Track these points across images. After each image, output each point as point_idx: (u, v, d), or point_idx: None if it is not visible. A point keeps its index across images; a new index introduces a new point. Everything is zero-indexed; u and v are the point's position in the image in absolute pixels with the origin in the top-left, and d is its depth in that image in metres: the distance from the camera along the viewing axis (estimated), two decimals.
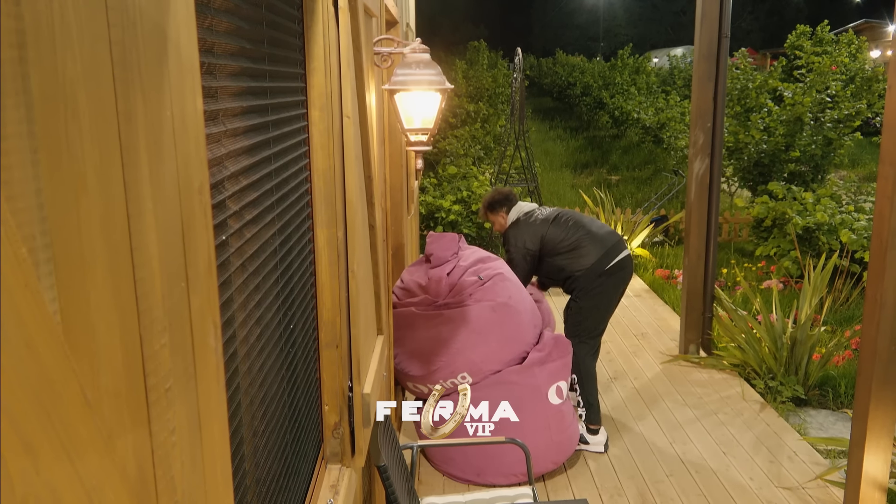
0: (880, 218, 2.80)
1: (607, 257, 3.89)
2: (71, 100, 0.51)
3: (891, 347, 2.83)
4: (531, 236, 4.04)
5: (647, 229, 8.63)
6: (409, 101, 2.29)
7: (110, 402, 0.56)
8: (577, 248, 3.93)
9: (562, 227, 4.00)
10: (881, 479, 2.95)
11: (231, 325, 1.08)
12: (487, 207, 4.38)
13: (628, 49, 21.46)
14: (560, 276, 4.02)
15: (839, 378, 4.85)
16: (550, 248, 3.99)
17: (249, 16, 1.22)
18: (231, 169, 1.10)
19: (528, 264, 4.05)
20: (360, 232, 2.08)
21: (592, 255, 3.89)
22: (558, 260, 3.97)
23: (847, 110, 9.48)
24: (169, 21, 0.70)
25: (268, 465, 1.32)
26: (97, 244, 0.55)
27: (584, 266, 3.88)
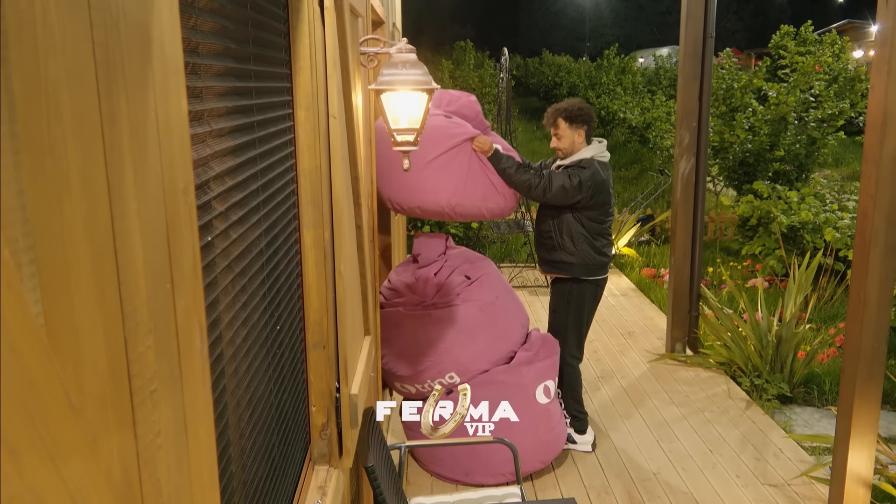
0: (863, 216, 2.82)
1: (604, 268, 3.82)
2: (54, 100, 0.51)
3: (874, 345, 2.86)
4: (598, 183, 3.57)
5: (633, 228, 8.67)
6: (396, 101, 2.29)
7: (95, 405, 0.56)
8: (605, 235, 3.75)
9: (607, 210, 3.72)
10: (865, 475, 2.98)
11: (217, 326, 1.08)
12: (568, 115, 3.68)
13: (614, 49, 21.58)
14: (567, 242, 3.69)
15: (824, 375, 4.89)
16: (590, 213, 3.65)
17: (234, 15, 1.22)
18: (216, 169, 1.09)
19: (559, 196, 3.57)
20: (346, 232, 2.07)
21: (609, 249, 3.79)
22: (590, 224, 3.68)
23: (830, 110, 9.56)
24: (153, 21, 0.70)
25: (255, 467, 1.31)
26: (81, 246, 0.54)
27: (598, 258, 3.74)
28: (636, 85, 19.70)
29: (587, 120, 3.68)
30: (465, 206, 3.51)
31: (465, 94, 3.92)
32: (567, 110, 3.69)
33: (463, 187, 3.47)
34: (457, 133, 3.48)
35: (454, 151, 3.46)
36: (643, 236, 9.14)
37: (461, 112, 3.76)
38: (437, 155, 3.41)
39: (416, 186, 3.45)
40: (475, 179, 3.51)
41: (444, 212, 3.51)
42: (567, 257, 3.71)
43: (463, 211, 3.52)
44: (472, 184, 3.49)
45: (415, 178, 3.41)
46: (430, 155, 3.40)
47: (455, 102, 3.80)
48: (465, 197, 3.49)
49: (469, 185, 3.48)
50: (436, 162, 3.42)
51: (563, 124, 3.69)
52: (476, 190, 3.51)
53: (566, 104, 3.75)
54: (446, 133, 3.46)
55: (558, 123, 3.70)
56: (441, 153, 3.42)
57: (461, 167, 3.47)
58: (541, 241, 3.86)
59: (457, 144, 3.46)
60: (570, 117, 3.67)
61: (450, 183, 3.45)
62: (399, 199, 3.53)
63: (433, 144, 3.39)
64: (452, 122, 3.53)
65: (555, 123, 3.72)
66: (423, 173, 3.41)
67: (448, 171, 3.45)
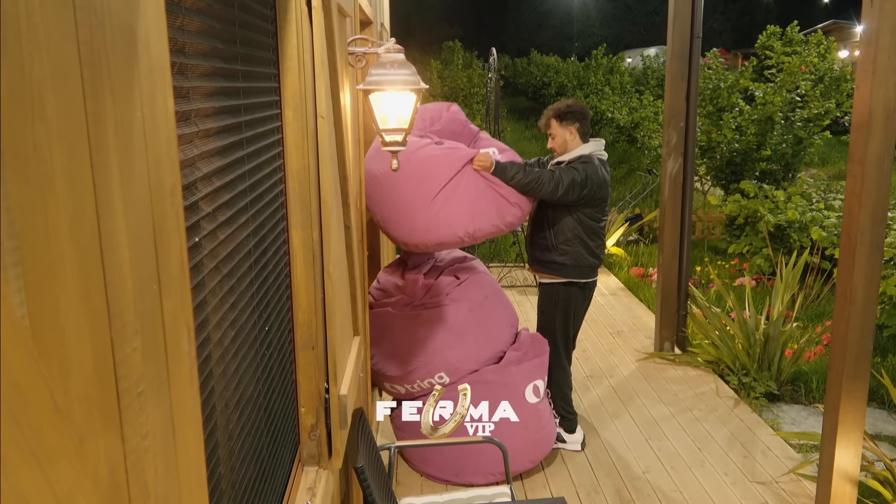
0: (849, 215, 2.84)
1: (594, 271, 3.82)
2: (38, 101, 0.50)
3: (860, 342, 2.88)
4: (600, 179, 3.57)
5: (622, 228, 8.71)
6: (384, 101, 2.29)
7: (81, 407, 0.55)
8: (600, 235, 3.74)
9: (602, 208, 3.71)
10: (852, 471, 3.00)
11: (205, 327, 1.07)
12: (557, 115, 3.71)
13: (602, 49, 21.66)
14: (561, 241, 3.68)
15: (811, 373, 4.93)
16: (589, 210, 3.64)
17: (221, 15, 1.21)
18: (204, 170, 1.09)
19: (569, 191, 3.52)
20: (335, 233, 2.07)
21: (601, 252, 3.78)
22: (587, 222, 3.67)
23: (816, 109, 9.63)
24: (138, 20, 0.69)
25: (243, 469, 1.31)
26: (66, 247, 0.54)
27: (589, 258, 3.73)
28: (624, 85, 19.78)
29: (577, 117, 3.69)
30: (483, 230, 3.40)
31: (445, 105, 3.84)
32: (557, 109, 3.73)
33: (476, 212, 3.37)
34: (454, 159, 3.36)
35: (456, 179, 3.34)
36: (632, 236, 9.17)
37: (449, 127, 3.70)
38: (440, 188, 3.30)
39: (428, 225, 3.33)
40: (485, 200, 3.40)
41: (465, 240, 3.41)
42: (560, 258, 3.71)
43: (482, 234, 3.43)
44: (483, 205, 3.39)
45: (424, 216, 3.31)
46: (434, 189, 3.30)
47: (439, 119, 3.74)
48: (481, 220, 3.38)
49: (481, 208, 3.38)
50: (441, 195, 3.30)
51: (554, 123, 3.72)
52: (490, 210, 3.41)
53: (558, 104, 3.78)
54: (443, 163, 3.34)
55: (550, 124, 3.74)
56: (444, 184, 3.30)
57: (468, 192, 3.35)
58: (535, 240, 3.84)
59: (457, 171, 3.34)
60: (559, 115, 3.70)
61: (461, 211, 3.34)
62: (414, 241, 3.42)
63: (433, 178, 3.31)
64: (445, 147, 3.41)
65: (547, 124, 3.76)
66: (431, 210, 3.30)
67: (456, 200, 3.34)
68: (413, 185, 3.30)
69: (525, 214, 3.59)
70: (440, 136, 3.63)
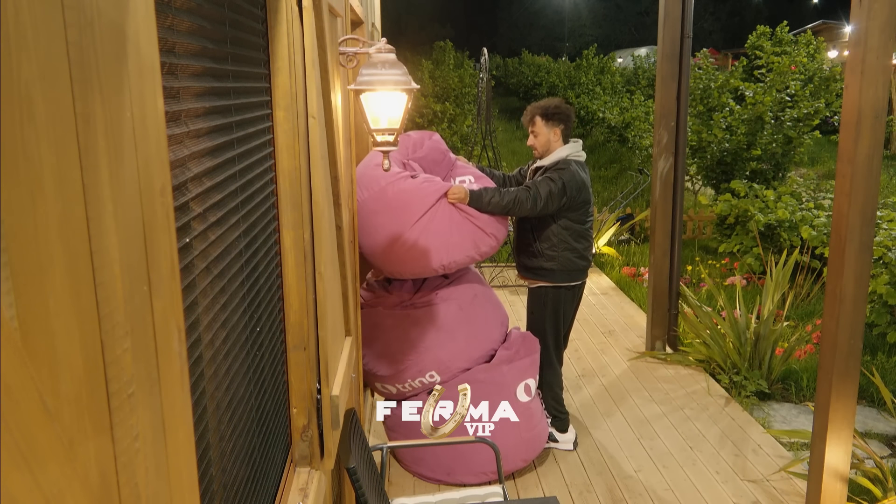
0: (839, 214, 2.86)
1: (583, 273, 3.84)
2: (27, 101, 0.50)
3: (850, 341, 2.90)
4: (578, 183, 3.58)
5: (613, 227, 8.72)
6: (375, 101, 2.29)
7: (71, 409, 0.55)
8: (586, 237, 3.75)
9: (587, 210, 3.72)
10: (843, 469, 3.02)
11: (196, 328, 1.07)
12: (544, 113, 3.70)
13: (593, 49, 21.68)
14: (547, 246, 3.71)
15: (801, 372, 4.95)
16: (573, 214, 3.65)
17: (211, 15, 1.21)
18: (194, 170, 1.08)
19: (549, 203, 3.54)
20: (326, 233, 2.06)
21: (589, 253, 3.80)
22: (573, 226, 3.69)
23: (806, 109, 9.68)
24: (128, 20, 0.69)
25: (235, 470, 1.30)
26: (55, 248, 0.53)
27: (578, 261, 3.75)
28: (615, 85, 19.82)
29: (563, 119, 3.70)
30: (458, 261, 3.44)
31: (427, 134, 3.88)
32: (544, 108, 3.71)
33: (451, 243, 3.39)
34: (429, 192, 3.37)
35: (431, 212, 3.35)
36: (623, 235, 9.19)
37: (430, 156, 3.74)
38: (415, 221, 3.32)
39: (403, 257, 3.37)
40: (460, 231, 3.42)
41: (439, 271, 3.46)
42: (547, 264, 3.73)
43: (458, 265, 3.47)
44: (458, 237, 3.41)
45: (400, 248, 3.34)
46: (409, 222, 3.32)
47: (420, 148, 3.77)
48: (456, 252, 3.41)
49: (455, 240, 3.40)
50: (416, 227, 3.32)
51: (539, 122, 3.71)
52: (465, 241, 3.43)
53: (544, 102, 3.77)
54: (417, 196, 3.35)
55: (535, 121, 3.73)
56: (418, 217, 3.32)
57: (442, 225, 3.37)
58: (521, 248, 3.86)
59: (431, 205, 3.36)
60: (546, 115, 3.69)
61: (437, 244, 3.36)
62: (393, 270, 3.48)
63: (408, 211, 3.33)
64: (420, 181, 3.42)
65: (532, 121, 3.74)
66: (407, 241, 3.33)
67: (431, 233, 3.35)
68: (389, 217, 3.34)
69: (501, 241, 3.62)
70: (421, 163, 3.68)
